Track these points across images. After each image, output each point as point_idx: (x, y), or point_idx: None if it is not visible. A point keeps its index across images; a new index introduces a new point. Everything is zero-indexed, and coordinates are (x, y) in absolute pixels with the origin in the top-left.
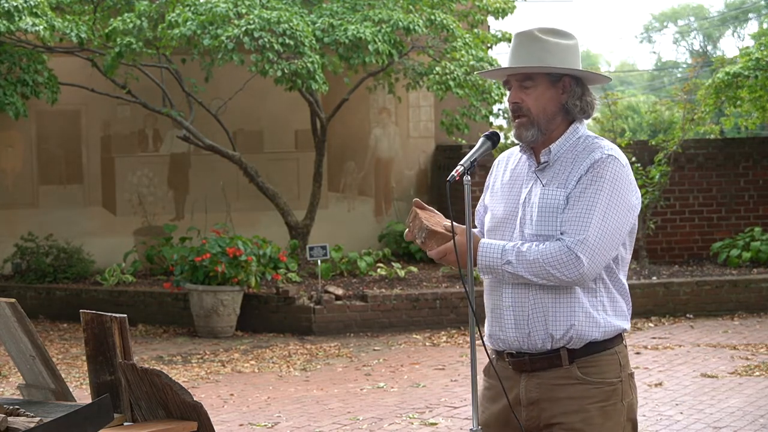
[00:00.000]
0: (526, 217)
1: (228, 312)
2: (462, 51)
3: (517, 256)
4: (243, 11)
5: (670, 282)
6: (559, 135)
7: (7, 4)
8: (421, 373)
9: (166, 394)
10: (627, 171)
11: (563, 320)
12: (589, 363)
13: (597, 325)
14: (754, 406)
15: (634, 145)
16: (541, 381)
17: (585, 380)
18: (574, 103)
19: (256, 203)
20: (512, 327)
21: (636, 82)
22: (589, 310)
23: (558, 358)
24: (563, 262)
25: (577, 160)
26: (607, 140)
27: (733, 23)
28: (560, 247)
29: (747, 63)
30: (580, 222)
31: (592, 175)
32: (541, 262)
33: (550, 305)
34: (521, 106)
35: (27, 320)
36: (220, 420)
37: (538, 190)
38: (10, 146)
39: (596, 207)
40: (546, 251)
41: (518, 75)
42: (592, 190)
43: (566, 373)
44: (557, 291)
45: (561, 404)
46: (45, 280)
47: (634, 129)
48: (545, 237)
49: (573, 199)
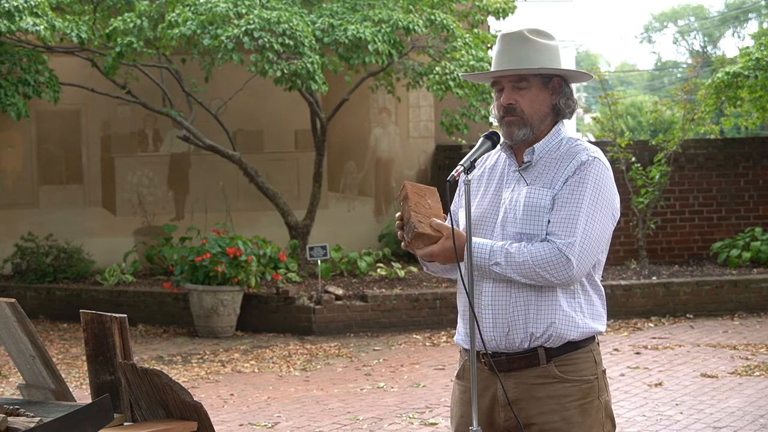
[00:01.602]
0: (508, 216)
1: (228, 312)
2: (462, 51)
3: (506, 257)
4: (243, 11)
5: (670, 282)
6: (543, 135)
7: (7, 4)
8: (421, 373)
9: (166, 394)
10: (610, 174)
11: (543, 318)
12: (566, 361)
13: (575, 326)
14: (754, 406)
15: (634, 145)
16: (518, 381)
17: (563, 378)
18: (565, 103)
19: (256, 203)
20: (491, 326)
21: (636, 82)
22: (567, 311)
23: (535, 357)
24: (553, 264)
25: (562, 161)
26: (589, 143)
27: (733, 23)
28: (551, 249)
29: (747, 63)
30: (568, 224)
31: (579, 177)
32: (530, 264)
33: (532, 303)
34: (515, 107)
35: (27, 320)
36: (220, 420)
37: (523, 190)
38: (10, 146)
39: (583, 209)
40: (536, 253)
41: (512, 76)
42: (578, 192)
43: (544, 372)
44: (538, 289)
45: (540, 404)
46: (45, 280)
47: (634, 129)
48: (529, 236)
49: (560, 200)
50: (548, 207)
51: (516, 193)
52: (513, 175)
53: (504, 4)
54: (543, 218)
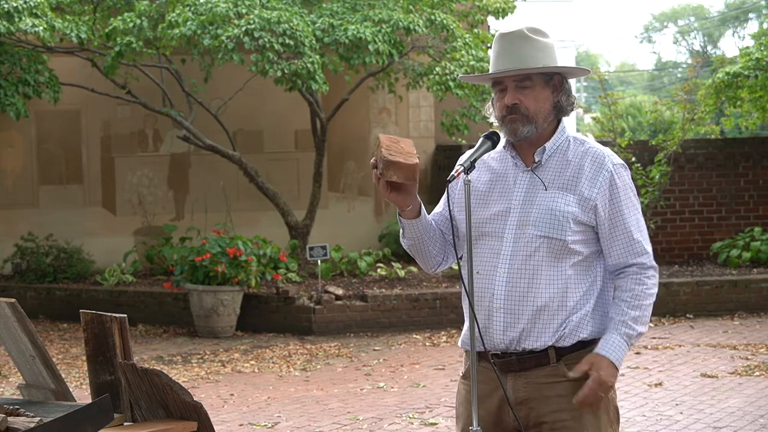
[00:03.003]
0: (529, 218)
1: (228, 312)
2: (462, 51)
3: (630, 329)
4: (243, 11)
5: (670, 282)
6: (550, 133)
7: (7, 4)
8: (421, 373)
9: (166, 394)
10: (630, 173)
11: (556, 320)
12: (576, 360)
13: (587, 325)
14: (754, 406)
15: (634, 145)
16: (528, 380)
17: (573, 377)
18: (566, 100)
19: (256, 203)
20: (501, 328)
21: (636, 82)
22: (581, 311)
23: (545, 357)
24: (654, 284)
25: (581, 166)
26: (598, 143)
27: (733, 23)
28: (648, 275)
29: (747, 63)
30: (631, 241)
31: (616, 191)
32: (646, 306)
33: (546, 306)
34: (520, 106)
35: (27, 320)
36: (220, 420)
37: (541, 192)
38: (10, 146)
39: (631, 221)
40: (646, 291)
41: (516, 76)
42: (623, 206)
43: (554, 371)
44: (551, 291)
45: (550, 403)
46: (45, 280)
47: (634, 129)
48: (550, 238)
49: (609, 220)
50: (574, 212)
51: (532, 195)
52: (524, 175)
53: (504, 4)
54: (568, 222)
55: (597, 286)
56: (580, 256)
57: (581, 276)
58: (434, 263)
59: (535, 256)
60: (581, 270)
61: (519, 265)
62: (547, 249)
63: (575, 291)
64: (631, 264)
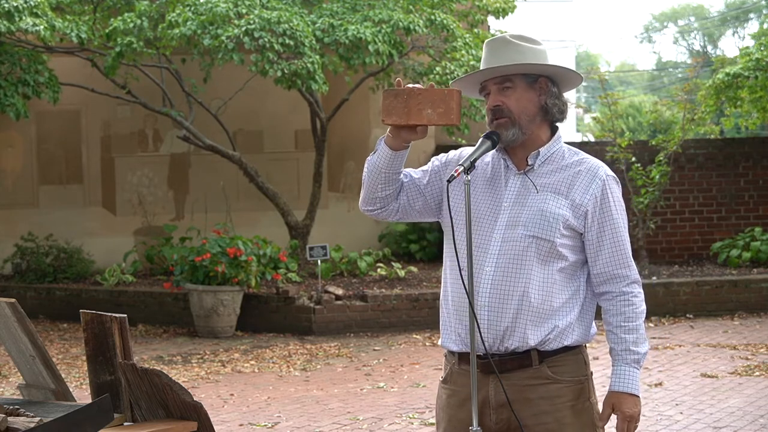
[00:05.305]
0: (519, 219)
1: (228, 312)
2: (462, 51)
3: (634, 354)
4: (243, 11)
5: (670, 282)
6: (544, 139)
7: (7, 4)
8: (421, 373)
9: (166, 394)
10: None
11: (541, 323)
12: (558, 362)
13: (572, 333)
14: (754, 406)
15: (634, 145)
16: (510, 382)
17: (555, 379)
18: (553, 103)
19: (256, 203)
20: (485, 327)
21: (636, 82)
22: (567, 317)
23: (528, 359)
24: (641, 301)
25: (575, 174)
26: (593, 158)
27: (733, 23)
28: (631, 296)
29: (747, 63)
30: (618, 251)
31: (607, 201)
32: (639, 325)
33: (530, 308)
34: (502, 108)
35: (27, 320)
36: (220, 420)
37: (532, 194)
38: (10, 146)
39: (619, 234)
40: (635, 311)
41: (497, 78)
42: (613, 217)
43: (536, 373)
44: (536, 294)
45: (533, 405)
46: (45, 280)
47: (634, 129)
48: (539, 239)
49: (598, 228)
50: (565, 216)
51: (524, 197)
52: (515, 178)
53: (504, 4)
54: (558, 224)
55: (581, 294)
56: (566, 261)
57: (566, 281)
58: (373, 200)
59: (523, 256)
60: (566, 276)
61: (505, 265)
62: (535, 250)
63: (560, 295)
64: (616, 275)
